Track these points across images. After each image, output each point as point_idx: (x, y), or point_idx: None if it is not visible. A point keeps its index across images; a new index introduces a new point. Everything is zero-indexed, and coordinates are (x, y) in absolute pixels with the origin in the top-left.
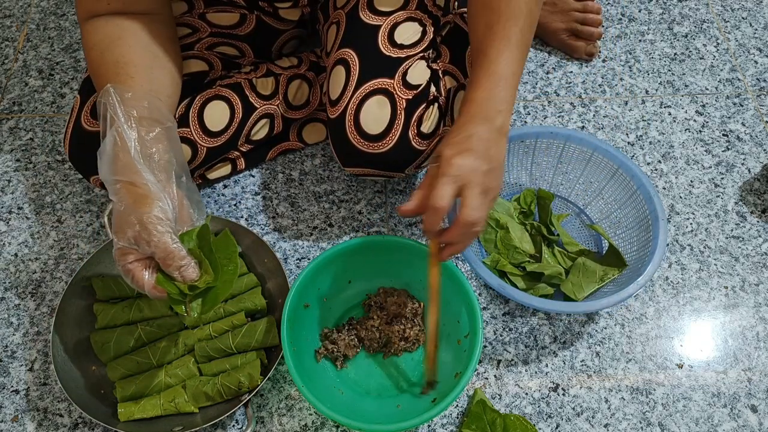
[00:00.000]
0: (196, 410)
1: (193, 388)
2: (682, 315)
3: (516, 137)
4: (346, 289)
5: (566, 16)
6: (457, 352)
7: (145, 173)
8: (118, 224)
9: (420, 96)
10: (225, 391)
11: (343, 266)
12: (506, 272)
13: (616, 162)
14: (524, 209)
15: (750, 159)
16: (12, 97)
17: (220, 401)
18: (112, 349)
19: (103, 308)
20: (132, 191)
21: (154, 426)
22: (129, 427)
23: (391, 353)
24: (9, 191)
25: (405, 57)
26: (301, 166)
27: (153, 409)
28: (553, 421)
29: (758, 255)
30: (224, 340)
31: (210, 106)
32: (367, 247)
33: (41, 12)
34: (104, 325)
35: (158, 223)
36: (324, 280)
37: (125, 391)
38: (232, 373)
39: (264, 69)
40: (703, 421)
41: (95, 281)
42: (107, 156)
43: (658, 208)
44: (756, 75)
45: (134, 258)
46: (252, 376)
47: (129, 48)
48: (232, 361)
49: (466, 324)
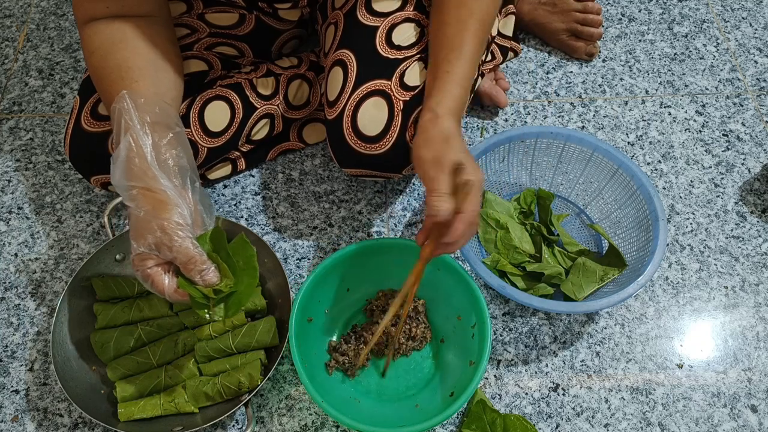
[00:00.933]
0: (196, 410)
1: (193, 388)
2: (682, 315)
3: (516, 137)
4: (345, 297)
5: (566, 16)
6: (467, 344)
7: (162, 179)
8: (137, 230)
9: (417, 97)
10: (225, 391)
11: (340, 275)
12: (506, 272)
13: (616, 162)
14: (524, 209)
15: (750, 159)
16: (12, 97)
17: (220, 401)
18: (112, 349)
19: (103, 308)
20: (150, 197)
21: (154, 426)
22: (129, 427)
23: (401, 354)
24: (9, 191)
25: (403, 58)
26: (301, 166)
27: (153, 409)
28: (553, 421)
29: (758, 255)
30: (224, 340)
31: (210, 106)
32: (361, 252)
33: (41, 12)
34: (104, 325)
35: (179, 229)
36: (323, 291)
37: (125, 391)
38: (232, 373)
39: (264, 69)
40: (703, 421)
41: (95, 281)
42: (122, 162)
43: (658, 208)
44: (756, 75)
45: (154, 263)
46: (252, 376)
47: (131, 52)
48: (232, 361)
49: (471, 315)
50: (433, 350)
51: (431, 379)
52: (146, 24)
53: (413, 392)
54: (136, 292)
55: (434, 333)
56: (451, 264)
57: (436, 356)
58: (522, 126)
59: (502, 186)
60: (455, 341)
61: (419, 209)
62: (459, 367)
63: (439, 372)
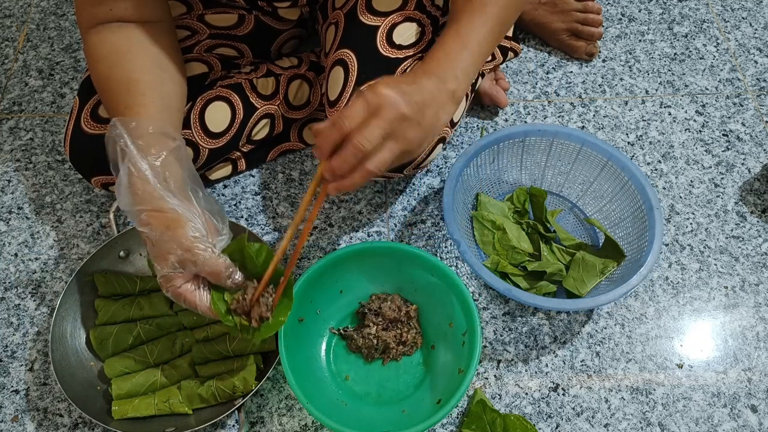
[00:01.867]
0: (190, 411)
1: (188, 389)
2: (682, 315)
3: (505, 137)
4: (338, 299)
5: (566, 16)
6: (457, 351)
7: (168, 198)
8: (157, 252)
9: None
10: (219, 394)
11: (333, 277)
12: (507, 273)
13: (605, 155)
14: (518, 208)
15: (750, 159)
16: (12, 97)
17: (214, 404)
18: (111, 345)
19: (104, 304)
20: (161, 217)
21: (147, 426)
22: (122, 426)
23: (390, 358)
24: (9, 191)
25: (403, 57)
26: (301, 166)
27: (147, 409)
28: (553, 421)
29: (758, 255)
30: (221, 342)
31: (211, 107)
32: (355, 255)
33: (41, 12)
34: (104, 321)
35: (198, 242)
36: (316, 292)
37: (120, 389)
38: (227, 377)
39: (264, 69)
40: (703, 421)
41: (98, 277)
42: (125, 188)
43: (652, 197)
44: (756, 75)
45: (182, 281)
46: (247, 381)
47: (138, 64)
48: (228, 364)
49: (462, 322)
50: (423, 356)
51: (420, 384)
52: (150, 31)
53: (401, 397)
54: (138, 289)
55: (425, 339)
56: (445, 271)
57: (426, 362)
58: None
59: (494, 187)
60: (446, 348)
61: (419, 209)
62: (448, 374)
63: (429, 378)
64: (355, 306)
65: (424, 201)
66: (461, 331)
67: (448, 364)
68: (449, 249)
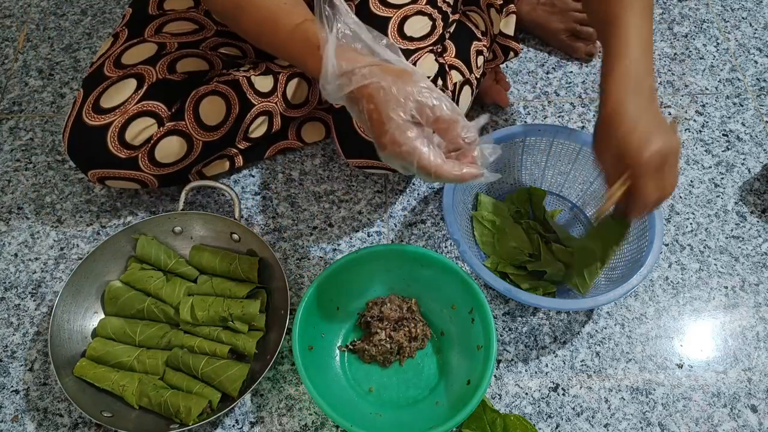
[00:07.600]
0: (136, 407)
1: (144, 384)
2: (682, 315)
3: (505, 137)
4: (336, 316)
5: (566, 16)
6: (467, 329)
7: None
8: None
9: None
10: (164, 408)
11: (328, 296)
12: (507, 273)
13: None
14: (518, 208)
15: (750, 159)
16: (12, 97)
17: (157, 412)
18: (119, 305)
19: (134, 267)
20: (387, 68)
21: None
22: (126, 424)
23: (407, 357)
24: (9, 191)
25: (414, 49)
26: (301, 166)
27: (103, 381)
28: (553, 421)
29: (758, 255)
30: (196, 360)
31: (206, 101)
32: (341, 269)
33: (41, 12)
34: (126, 282)
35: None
36: (316, 317)
37: (95, 350)
38: (179, 397)
39: (263, 67)
40: (703, 421)
41: (142, 238)
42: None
43: None
44: (756, 75)
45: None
46: (190, 412)
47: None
48: (190, 384)
49: (465, 301)
50: (435, 345)
51: (442, 372)
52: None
53: (429, 390)
54: (168, 268)
55: (433, 329)
56: (431, 256)
57: (440, 350)
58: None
59: (494, 187)
60: (455, 330)
61: (419, 209)
62: (467, 354)
63: (449, 364)
64: (355, 318)
65: (424, 201)
66: (467, 310)
67: (463, 345)
68: (449, 249)
